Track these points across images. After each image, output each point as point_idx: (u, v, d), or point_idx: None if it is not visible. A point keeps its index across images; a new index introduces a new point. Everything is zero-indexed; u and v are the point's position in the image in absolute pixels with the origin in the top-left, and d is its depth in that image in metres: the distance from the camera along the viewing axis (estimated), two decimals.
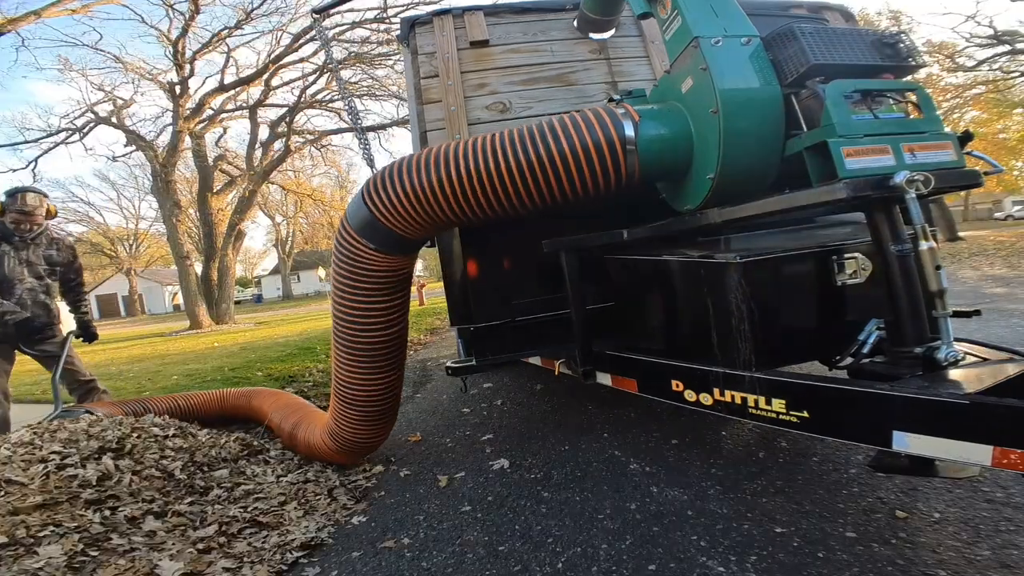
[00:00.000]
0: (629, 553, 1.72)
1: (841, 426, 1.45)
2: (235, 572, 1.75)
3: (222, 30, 15.77)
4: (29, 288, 3.31)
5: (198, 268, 17.01)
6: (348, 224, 2.21)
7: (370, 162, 2.96)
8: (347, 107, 3.22)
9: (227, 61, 17.55)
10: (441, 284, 2.87)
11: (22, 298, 3.27)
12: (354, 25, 15.49)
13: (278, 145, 18.46)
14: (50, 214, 3.42)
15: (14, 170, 20.28)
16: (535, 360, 2.90)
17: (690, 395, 1.87)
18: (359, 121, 3.15)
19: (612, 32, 2.94)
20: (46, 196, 3.40)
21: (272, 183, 21.19)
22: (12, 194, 3.23)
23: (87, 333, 3.64)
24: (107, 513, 1.88)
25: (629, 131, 1.91)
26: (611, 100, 2.12)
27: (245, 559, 1.82)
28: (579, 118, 1.95)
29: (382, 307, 2.30)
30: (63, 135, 16.47)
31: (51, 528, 1.73)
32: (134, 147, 16.93)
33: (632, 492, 2.15)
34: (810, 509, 1.86)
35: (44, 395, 5.75)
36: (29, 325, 3.22)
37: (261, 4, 15.27)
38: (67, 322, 3.61)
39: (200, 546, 1.84)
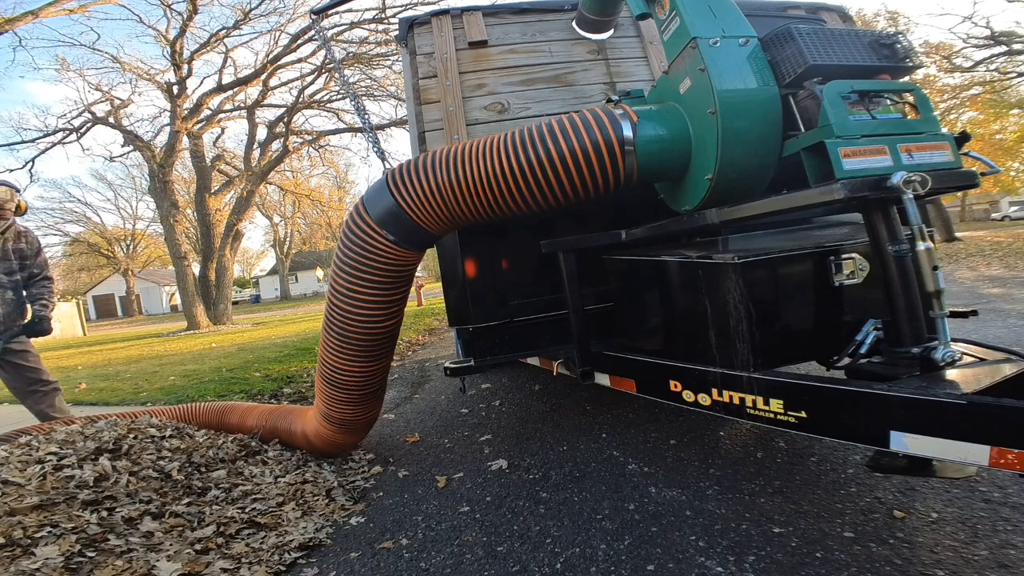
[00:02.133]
0: (627, 553, 1.72)
1: (839, 426, 1.45)
2: (233, 573, 1.75)
3: (220, 30, 15.78)
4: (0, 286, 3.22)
5: (196, 269, 16.99)
6: (367, 215, 2.18)
7: (381, 155, 2.95)
8: (354, 104, 3.21)
9: (225, 61, 17.49)
10: (439, 284, 2.87)
11: None
12: (352, 25, 15.50)
13: (276, 145, 18.45)
14: (20, 210, 3.31)
15: (11, 170, 20.12)
16: (533, 360, 2.90)
17: (688, 395, 1.87)
18: (367, 117, 3.13)
19: (611, 33, 2.94)
20: (18, 191, 3.31)
21: (270, 183, 21.17)
22: None
23: (36, 329, 3.38)
24: (104, 514, 1.88)
25: (627, 132, 1.91)
26: (609, 101, 2.13)
27: (243, 560, 1.82)
28: (577, 119, 1.96)
29: (385, 300, 2.31)
30: (60, 135, 16.43)
31: (48, 529, 1.72)
32: (131, 147, 16.90)
33: (630, 492, 2.15)
34: (808, 509, 1.86)
35: None
36: None
37: (259, 4, 15.29)
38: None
39: (198, 547, 1.84)
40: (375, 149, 2.97)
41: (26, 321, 3.35)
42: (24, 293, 3.37)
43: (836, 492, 1.96)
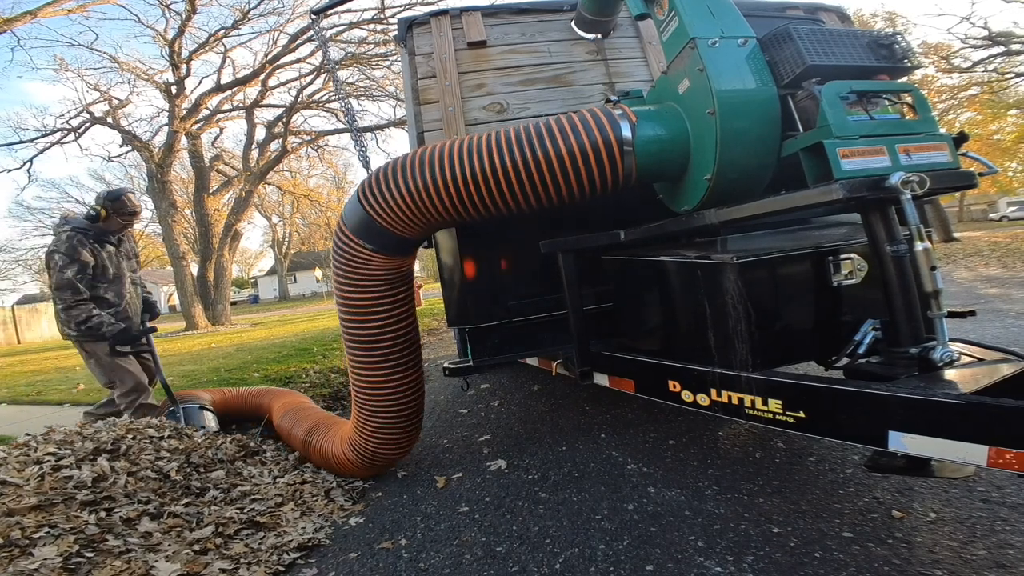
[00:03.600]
0: (627, 553, 1.72)
1: (837, 426, 1.46)
2: (232, 573, 1.74)
3: (219, 30, 15.76)
4: (132, 283, 3.40)
5: (194, 269, 16.96)
6: (344, 226, 2.21)
7: (365, 163, 2.95)
8: (343, 108, 3.22)
9: (224, 61, 17.45)
10: (438, 284, 2.87)
11: (131, 295, 3.35)
12: (351, 26, 15.50)
13: (275, 145, 18.43)
14: None
15: (9, 170, 20.14)
16: (532, 361, 2.90)
17: (687, 395, 1.87)
18: (355, 122, 3.14)
19: (610, 33, 2.95)
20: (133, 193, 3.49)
21: (269, 183, 21.15)
22: (116, 197, 3.22)
23: (153, 311, 3.62)
24: (102, 514, 1.87)
25: (626, 132, 1.92)
26: (608, 101, 2.13)
27: (242, 560, 1.82)
28: (576, 119, 1.96)
29: (386, 305, 2.28)
30: (58, 135, 16.39)
31: (46, 529, 1.72)
32: (130, 147, 16.86)
33: (629, 493, 2.15)
34: (807, 509, 1.86)
35: (39, 396, 5.72)
36: (127, 335, 3.16)
37: (258, 4, 15.28)
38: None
39: (196, 547, 1.84)
40: (360, 157, 2.98)
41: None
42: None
43: (835, 492, 1.96)
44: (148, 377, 3.35)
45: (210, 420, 3.25)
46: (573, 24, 2.92)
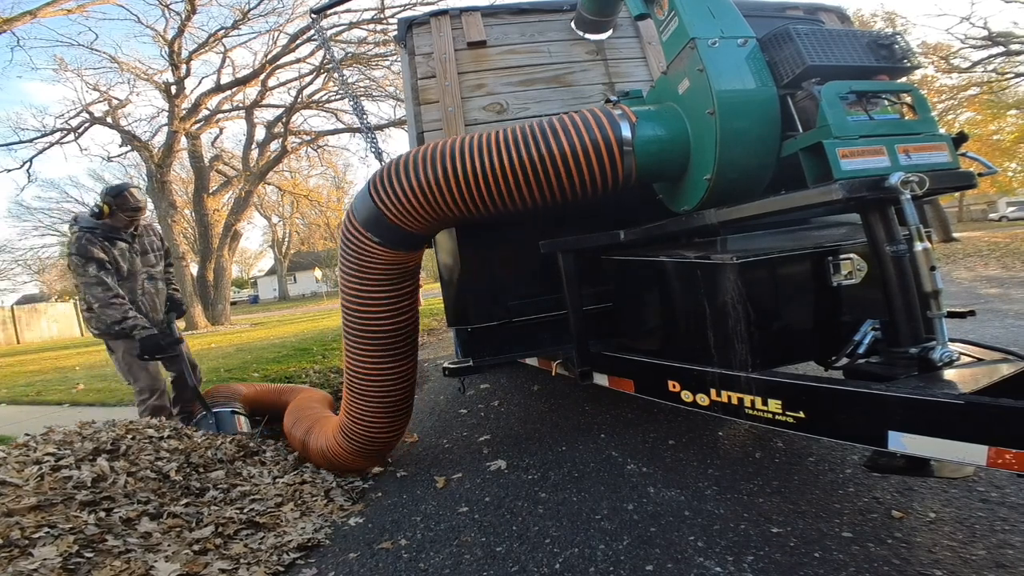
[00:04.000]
0: (626, 553, 1.72)
1: (837, 426, 1.46)
2: (232, 573, 1.74)
3: (219, 30, 15.78)
4: (148, 277, 3.36)
5: (194, 269, 16.97)
6: (354, 218, 2.21)
7: (378, 155, 2.95)
8: (352, 104, 3.21)
9: (223, 61, 17.45)
10: (438, 285, 2.86)
11: (146, 290, 3.31)
12: (351, 26, 15.51)
13: (275, 145, 18.44)
14: None
15: (9, 170, 20.17)
16: (532, 361, 2.90)
17: (687, 396, 1.87)
18: (365, 117, 3.14)
19: (609, 33, 2.95)
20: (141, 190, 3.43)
21: (268, 184, 21.15)
22: (118, 193, 3.16)
23: (180, 310, 3.61)
24: (102, 514, 1.87)
25: (626, 132, 1.92)
26: (608, 101, 2.13)
27: (242, 560, 1.81)
28: (577, 119, 1.96)
29: (391, 298, 2.30)
30: (58, 135, 16.40)
31: (46, 529, 1.72)
32: (129, 147, 16.87)
33: (629, 493, 2.15)
34: (806, 509, 1.86)
35: (39, 396, 5.72)
36: (154, 342, 3.11)
37: (258, 4, 15.29)
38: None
39: (196, 547, 1.83)
40: (373, 150, 2.97)
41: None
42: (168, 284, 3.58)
43: (834, 492, 1.96)
44: (175, 375, 3.33)
45: (244, 425, 3.21)
46: (573, 24, 2.92)
